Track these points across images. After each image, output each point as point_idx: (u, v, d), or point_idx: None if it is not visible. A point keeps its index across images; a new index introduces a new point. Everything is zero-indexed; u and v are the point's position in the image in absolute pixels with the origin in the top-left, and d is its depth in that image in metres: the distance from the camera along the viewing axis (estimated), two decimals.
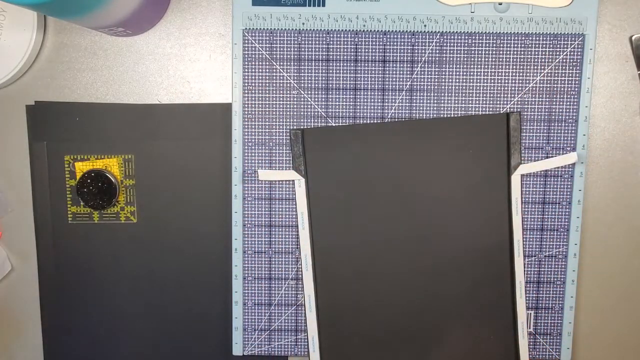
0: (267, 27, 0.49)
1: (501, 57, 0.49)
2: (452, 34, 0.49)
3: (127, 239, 0.52)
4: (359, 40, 0.49)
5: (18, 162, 0.52)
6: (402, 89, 0.50)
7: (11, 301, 0.54)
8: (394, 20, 0.49)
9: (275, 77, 0.50)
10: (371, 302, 0.51)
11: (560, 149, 0.50)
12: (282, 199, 0.51)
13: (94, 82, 0.51)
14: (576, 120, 0.50)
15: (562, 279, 0.51)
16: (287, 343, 0.53)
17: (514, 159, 0.50)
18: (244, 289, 0.52)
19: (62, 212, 0.52)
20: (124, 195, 0.52)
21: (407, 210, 0.50)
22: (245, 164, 0.50)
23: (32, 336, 0.54)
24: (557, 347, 0.52)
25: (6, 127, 0.52)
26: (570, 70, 0.49)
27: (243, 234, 0.51)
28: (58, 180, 0.51)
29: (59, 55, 0.51)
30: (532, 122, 0.50)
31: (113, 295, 0.53)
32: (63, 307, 0.53)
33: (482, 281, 0.51)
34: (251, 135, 0.50)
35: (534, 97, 0.50)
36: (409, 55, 0.49)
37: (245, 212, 0.51)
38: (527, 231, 0.51)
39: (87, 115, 0.51)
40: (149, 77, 0.51)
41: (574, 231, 0.51)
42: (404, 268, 0.51)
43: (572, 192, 0.50)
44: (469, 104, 0.50)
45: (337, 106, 0.50)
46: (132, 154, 0.51)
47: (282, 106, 0.50)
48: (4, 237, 0.53)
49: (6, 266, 0.53)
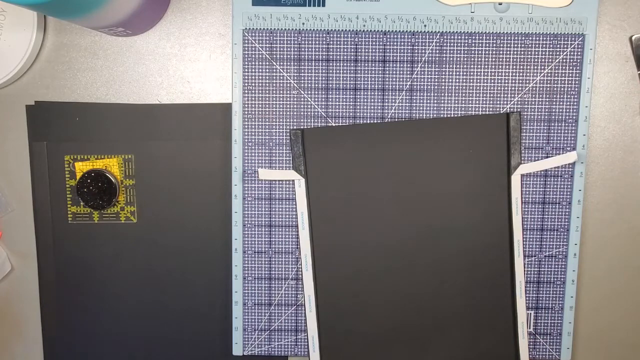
0: (267, 27, 0.49)
1: (501, 57, 0.49)
2: (452, 34, 0.49)
3: (127, 239, 0.52)
4: (359, 40, 0.49)
5: (18, 162, 0.52)
6: (402, 89, 0.50)
7: (11, 301, 0.54)
8: (394, 20, 0.49)
9: (275, 77, 0.50)
10: (371, 302, 0.51)
11: (560, 149, 0.50)
12: (282, 199, 0.51)
13: (94, 82, 0.51)
14: (576, 120, 0.50)
15: (562, 279, 0.51)
16: (287, 343, 0.53)
17: (514, 159, 0.50)
18: (244, 289, 0.52)
19: (62, 212, 0.52)
20: (124, 195, 0.52)
21: (407, 210, 0.50)
22: (245, 164, 0.50)
23: (32, 336, 0.54)
24: (557, 347, 0.52)
25: (6, 127, 0.52)
26: (570, 70, 0.49)
27: (243, 234, 0.51)
28: (58, 180, 0.51)
29: (59, 55, 0.51)
30: (532, 122, 0.50)
31: (113, 295, 0.53)
32: (63, 307, 0.53)
33: (482, 281, 0.51)
34: (251, 135, 0.50)
35: (534, 97, 0.50)
36: (409, 55, 0.49)
37: (245, 212, 0.51)
38: (527, 231, 0.51)
39: (87, 115, 0.51)
40: (149, 77, 0.51)
41: (574, 231, 0.51)
42: (404, 268, 0.51)
43: (572, 192, 0.50)
44: (469, 104, 0.50)
45: (337, 106, 0.50)
46: (132, 154, 0.51)
47: (282, 106, 0.50)
48: (4, 237, 0.53)
49: (6, 266, 0.53)
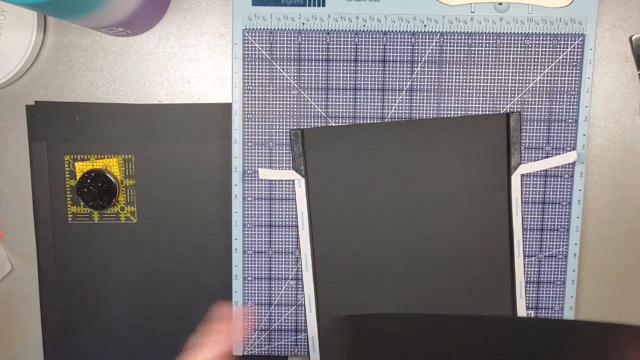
0: (267, 27, 0.49)
1: (501, 57, 0.49)
2: (452, 34, 0.49)
3: (127, 239, 0.52)
4: (359, 40, 0.49)
5: (18, 162, 0.52)
6: (402, 89, 0.50)
7: (11, 301, 0.54)
8: (394, 20, 0.49)
9: (275, 77, 0.50)
10: (371, 302, 0.51)
11: (560, 149, 0.50)
12: (282, 199, 0.51)
13: (94, 82, 0.51)
14: (576, 120, 0.50)
15: (562, 279, 0.51)
16: (287, 343, 0.53)
17: (514, 159, 0.50)
18: (244, 289, 0.52)
19: (62, 212, 0.52)
20: (124, 195, 0.52)
21: (406, 210, 0.50)
22: (245, 164, 0.50)
23: (32, 336, 0.54)
24: None
25: (6, 127, 0.52)
26: (570, 70, 0.49)
27: (243, 234, 0.51)
28: (58, 180, 0.51)
29: (59, 55, 0.51)
30: (532, 122, 0.50)
31: (113, 295, 0.53)
32: (63, 307, 0.53)
33: (482, 281, 0.51)
34: (251, 135, 0.50)
35: (534, 97, 0.50)
36: (409, 55, 0.49)
37: (245, 212, 0.51)
38: (527, 231, 0.51)
39: (87, 115, 0.51)
40: (149, 77, 0.51)
41: (574, 231, 0.51)
42: (404, 268, 0.51)
43: (572, 192, 0.50)
44: (469, 104, 0.50)
45: (337, 106, 0.50)
46: (132, 154, 0.51)
47: (282, 106, 0.50)
48: (4, 237, 0.53)
49: (6, 266, 0.53)
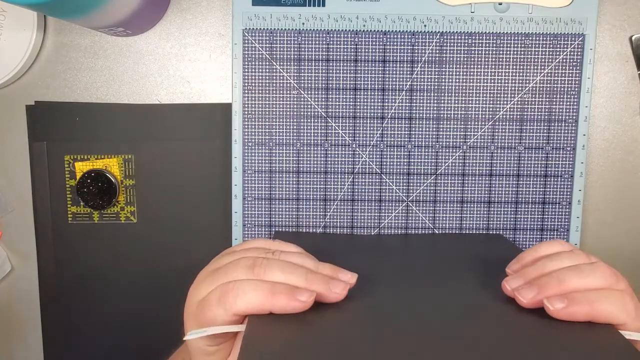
0: (267, 27, 0.49)
1: (501, 57, 0.49)
2: (452, 34, 0.49)
3: (127, 239, 0.52)
4: (359, 40, 0.49)
5: (18, 162, 0.52)
6: (402, 89, 0.50)
7: (11, 301, 0.54)
8: (394, 20, 0.49)
9: (275, 77, 0.50)
10: None
11: (560, 149, 0.50)
12: (282, 199, 0.51)
13: (94, 82, 0.51)
14: (576, 120, 0.50)
15: None
16: None
17: None
18: None
19: (62, 212, 0.52)
20: (124, 195, 0.52)
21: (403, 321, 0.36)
22: (245, 164, 0.50)
23: (32, 336, 0.54)
24: None
25: (6, 127, 0.52)
26: (570, 70, 0.49)
27: (243, 234, 0.51)
28: (58, 180, 0.51)
29: (59, 55, 0.51)
30: (532, 122, 0.50)
31: (113, 295, 0.53)
32: (63, 307, 0.53)
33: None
34: (251, 135, 0.50)
35: (534, 97, 0.49)
36: (409, 55, 0.49)
37: (245, 212, 0.51)
38: (527, 231, 0.51)
39: (87, 115, 0.51)
40: (149, 77, 0.51)
41: (574, 231, 0.51)
42: None
43: (572, 192, 0.50)
44: (469, 104, 0.50)
45: (337, 106, 0.50)
46: (132, 154, 0.51)
47: (282, 106, 0.50)
48: (4, 237, 0.53)
49: (6, 266, 0.53)
